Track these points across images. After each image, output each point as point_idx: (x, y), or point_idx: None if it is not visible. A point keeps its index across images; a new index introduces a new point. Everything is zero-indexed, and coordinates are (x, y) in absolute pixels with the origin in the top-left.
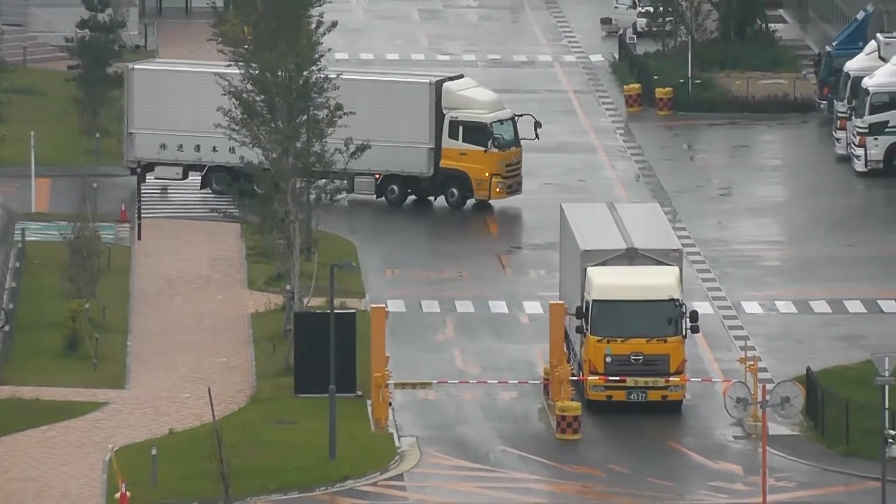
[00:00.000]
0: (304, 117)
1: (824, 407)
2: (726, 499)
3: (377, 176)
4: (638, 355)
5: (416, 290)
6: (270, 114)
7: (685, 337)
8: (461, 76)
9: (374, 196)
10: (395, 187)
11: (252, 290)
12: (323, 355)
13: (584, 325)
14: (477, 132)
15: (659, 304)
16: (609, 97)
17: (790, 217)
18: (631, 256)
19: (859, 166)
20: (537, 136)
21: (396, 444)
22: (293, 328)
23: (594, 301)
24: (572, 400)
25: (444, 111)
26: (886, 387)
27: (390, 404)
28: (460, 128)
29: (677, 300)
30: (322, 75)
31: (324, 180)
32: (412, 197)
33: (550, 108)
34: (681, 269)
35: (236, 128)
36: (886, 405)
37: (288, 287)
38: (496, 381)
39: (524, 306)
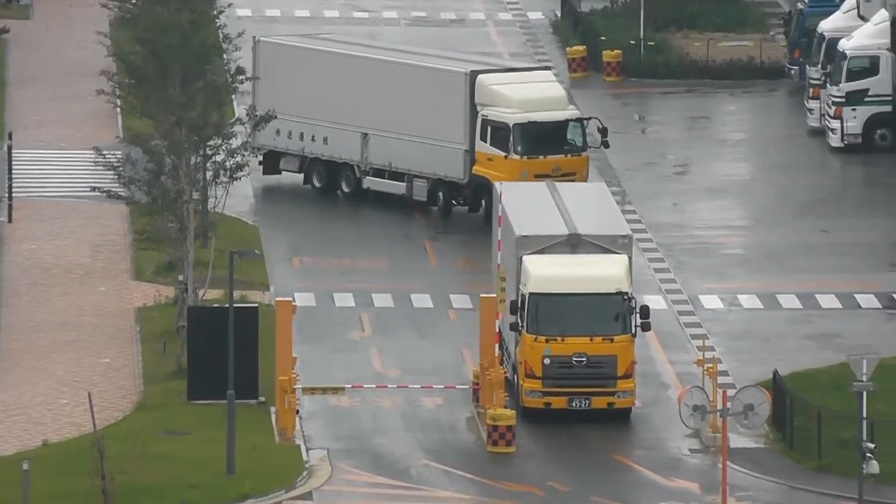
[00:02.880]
0: (201, 83)
1: (793, 416)
2: None
3: (428, 178)
4: (581, 356)
5: (327, 282)
6: (162, 79)
7: (634, 336)
8: (544, 68)
9: (425, 201)
10: (441, 193)
11: (139, 280)
12: (220, 356)
13: (518, 321)
14: (501, 134)
15: (605, 298)
16: (550, 60)
17: (755, 199)
18: (574, 243)
19: (835, 141)
20: (605, 143)
21: (304, 457)
22: (186, 325)
23: (530, 294)
24: (506, 407)
25: (478, 108)
26: (864, 393)
27: (297, 412)
28: (489, 128)
29: (626, 293)
30: (221, 34)
31: (222, 155)
32: (457, 206)
33: None
34: (630, 259)
35: (121, 94)
36: (864, 414)
37: (180, 278)
38: (419, 386)
39: (451, 300)
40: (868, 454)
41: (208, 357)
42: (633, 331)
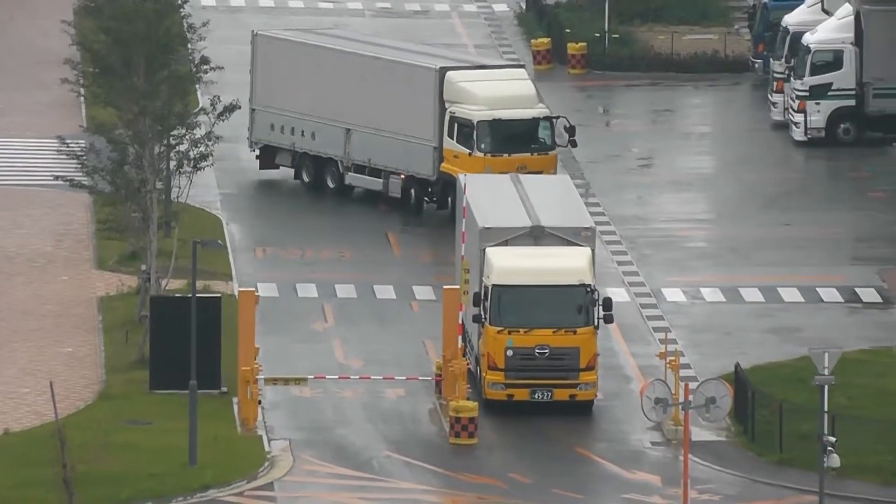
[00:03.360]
0: (165, 73)
1: (755, 409)
2: None
3: (402, 175)
4: (543, 348)
5: (290, 272)
6: (126, 68)
7: (597, 328)
8: (518, 66)
9: (399, 198)
10: (413, 190)
11: (102, 270)
12: (183, 346)
13: (482, 313)
14: (466, 132)
15: (568, 290)
16: (514, 52)
17: (719, 192)
18: (536, 235)
19: (798, 134)
20: (572, 143)
21: (266, 448)
22: (149, 314)
23: (493, 286)
24: (468, 399)
25: (446, 105)
26: (826, 387)
27: (260, 402)
28: (455, 126)
29: (589, 286)
30: (186, 24)
31: (185, 145)
32: (429, 204)
33: None
34: (593, 251)
35: (85, 83)
36: (826, 408)
37: (143, 267)
38: (381, 377)
39: (414, 292)
40: (829, 448)
41: (171, 347)
42: (596, 323)
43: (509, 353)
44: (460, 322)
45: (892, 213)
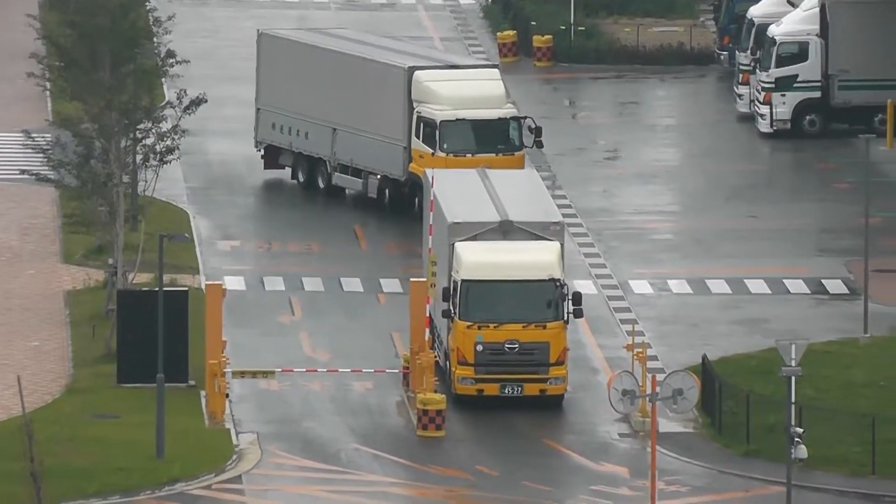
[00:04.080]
0: (131, 67)
1: (722, 401)
2: None
3: (378, 176)
4: (513, 343)
5: (257, 266)
6: (91, 62)
7: (567, 322)
8: (492, 66)
9: (375, 197)
10: (388, 191)
11: (69, 264)
12: (150, 339)
13: (451, 308)
14: (430, 131)
15: (537, 285)
16: (480, 45)
17: (685, 184)
18: (505, 230)
19: (764, 126)
20: (537, 143)
21: (234, 441)
22: (116, 308)
23: (463, 281)
24: (436, 392)
25: (414, 104)
26: (793, 378)
27: (227, 396)
28: (421, 125)
29: (558, 280)
30: (151, 17)
31: (152, 139)
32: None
33: None
34: (562, 245)
35: (51, 77)
36: (793, 399)
37: (110, 261)
38: (349, 370)
39: (382, 284)
40: (796, 439)
41: (138, 340)
42: (566, 318)
43: (479, 347)
44: (428, 315)
45: (858, 204)
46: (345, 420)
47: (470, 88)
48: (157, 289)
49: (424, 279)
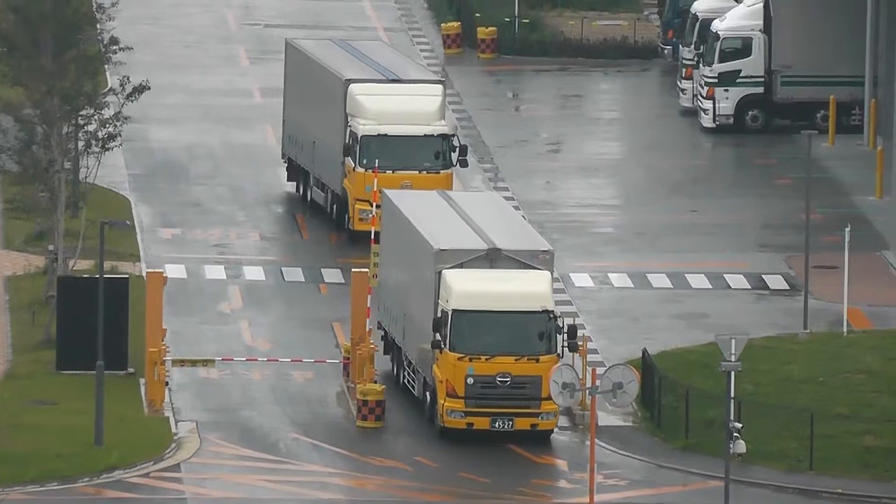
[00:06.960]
0: (73, 52)
1: (661, 395)
2: (549, 497)
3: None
4: (505, 376)
5: (198, 254)
6: (33, 47)
7: (561, 356)
8: (437, 82)
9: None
10: (335, 207)
11: (9, 249)
12: (90, 326)
13: (440, 339)
14: (353, 146)
15: (530, 317)
16: (424, 36)
17: (627, 178)
18: (493, 258)
19: (707, 121)
20: (462, 162)
21: (173, 429)
22: (56, 294)
23: (454, 311)
24: (375, 382)
25: (348, 118)
26: (732, 373)
27: (167, 384)
28: (350, 140)
29: (551, 312)
30: (94, 4)
31: (94, 125)
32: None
33: None
34: (552, 274)
35: None
36: (732, 394)
37: (51, 247)
38: (289, 360)
39: (323, 274)
40: (735, 434)
41: (78, 327)
42: (560, 351)
43: (470, 380)
44: (368, 305)
45: (800, 200)
46: (284, 410)
47: (400, 104)
48: (97, 276)
49: (366, 270)
